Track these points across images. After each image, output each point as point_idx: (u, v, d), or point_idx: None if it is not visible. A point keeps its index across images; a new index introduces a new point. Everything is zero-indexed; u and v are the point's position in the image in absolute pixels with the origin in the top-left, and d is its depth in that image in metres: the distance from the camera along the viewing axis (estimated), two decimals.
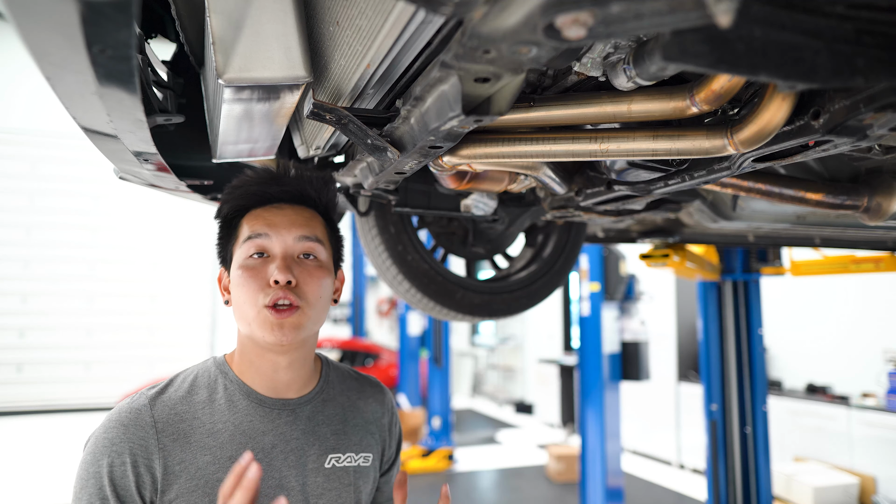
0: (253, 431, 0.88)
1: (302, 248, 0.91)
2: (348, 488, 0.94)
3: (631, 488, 5.25)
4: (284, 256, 0.89)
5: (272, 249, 0.89)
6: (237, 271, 0.89)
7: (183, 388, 0.89)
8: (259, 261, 0.89)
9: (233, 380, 0.91)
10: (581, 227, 2.03)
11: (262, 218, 0.91)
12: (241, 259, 0.90)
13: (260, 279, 0.87)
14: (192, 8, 0.90)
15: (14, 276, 8.56)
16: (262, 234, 0.89)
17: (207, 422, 0.86)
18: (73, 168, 8.84)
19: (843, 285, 5.15)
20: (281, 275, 0.86)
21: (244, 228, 0.91)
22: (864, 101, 0.64)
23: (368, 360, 7.68)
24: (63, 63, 0.54)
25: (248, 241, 0.89)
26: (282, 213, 0.92)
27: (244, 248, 0.89)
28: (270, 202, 0.93)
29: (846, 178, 1.21)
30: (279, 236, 0.89)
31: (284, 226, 0.90)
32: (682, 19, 0.41)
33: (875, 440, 4.48)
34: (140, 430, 0.81)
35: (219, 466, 0.83)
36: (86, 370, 8.79)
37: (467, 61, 0.57)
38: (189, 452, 0.83)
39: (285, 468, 0.88)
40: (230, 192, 0.94)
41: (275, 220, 0.90)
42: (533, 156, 0.88)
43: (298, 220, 0.92)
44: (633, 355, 4.03)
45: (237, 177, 0.95)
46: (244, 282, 0.87)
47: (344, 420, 0.98)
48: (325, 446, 0.93)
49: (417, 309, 1.77)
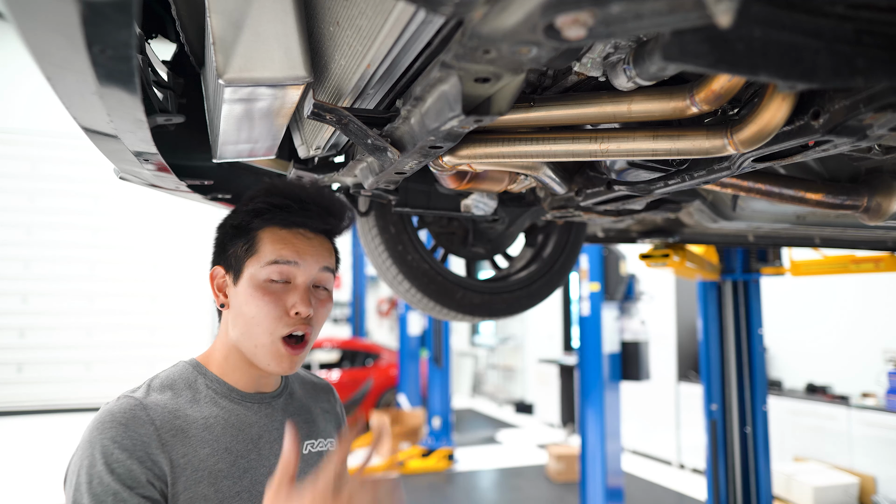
0: (241, 424, 0.91)
1: (319, 279, 0.93)
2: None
3: (631, 488, 5.25)
4: (308, 288, 0.91)
5: (296, 279, 0.91)
6: (253, 290, 0.89)
7: (165, 389, 0.89)
8: (281, 286, 0.90)
9: (213, 379, 0.93)
10: (581, 227, 2.03)
11: (291, 245, 0.91)
12: (260, 279, 0.89)
13: (280, 306, 0.88)
14: (193, 8, 0.90)
15: (14, 276, 8.55)
16: (290, 261, 0.90)
17: (199, 417, 0.88)
18: (73, 168, 8.84)
19: (843, 285, 5.15)
20: (305, 308, 0.88)
21: (267, 247, 0.90)
22: (864, 101, 0.64)
23: (368, 360, 7.67)
24: (63, 63, 0.54)
25: (274, 265, 0.89)
26: (309, 243, 0.93)
27: (266, 270, 0.89)
28: (296, 227, 0.93)
29: (846, 178, 1.21)
30: (306, 267, 0.91)
31: (311, 256, 0.92)
32: (682, 19, 0.41)
33: (875, 440, 4.48)
34: (140, 427, 0.81)
35: (218, 458, 0.86)
36: (86, 370, 8.78)
37: (467, 61, 0.58)
38: (190, 446, 0.84)
39: (273, 456, 0.93)
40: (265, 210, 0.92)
41: (304, 249, 0.91)
42: (533, 156, 0.88)
43: (322, 252, 0.94)
44: (633, 355, 4.03)
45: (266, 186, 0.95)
46: (263, 305, 0.88)
47: (309, 410, 1.05)
48: (301, 433, 0.99)
49: (417, 309, 1.77)
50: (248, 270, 0.91)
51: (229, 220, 0.96)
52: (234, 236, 0.94)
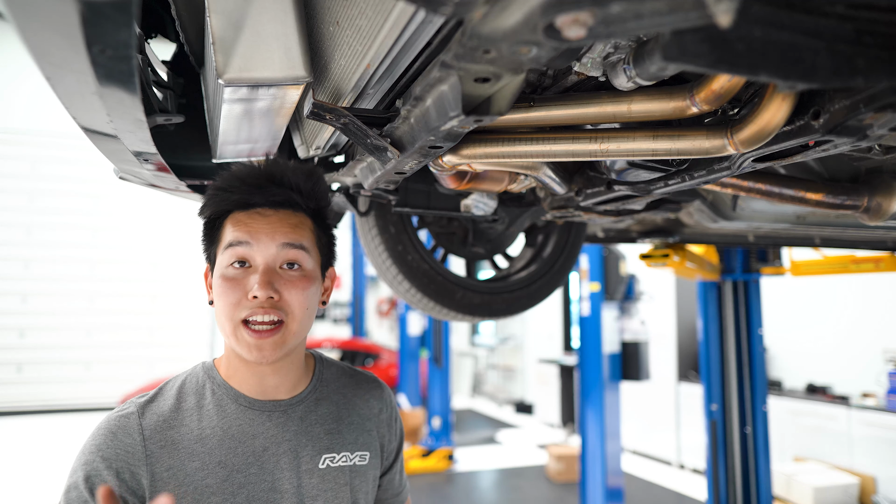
0: (242, 435, 0.87)
1: (285, 258, 0.86)
2: (344, 488, 0.92)
3: (631, 488, 5.25)
4: (266, 269, 0.84)
5: (254, 259, 0.85)
6: (217, 279, 0.86)
7: (172, 395, 0.88)
8: (240, 271, 0.85)
9: (220, 384, 0.90)
10: (581, 227, 2.03)
11: (243, 224, 0.85)
12: (221, 266, 0.86)
13: (239, 291, 0.83)
14: (192, 8, 0.90)
15: (14, 276, 8.56)
16: (243, 241, 0.84)
17: (196, 428, 0.85)
18: (73, 168, 8.84)
19: (843, 285, 5.15)
20: (261, 290, 0.82)
21: (226, 232, 0.87)
22: (864, 101, 0.64)
23: (368, 360, 7.68)
24: (63, 63, 0.54)
25: (229, 248, 0.85)
26: (265, 220, 0.86)
27: (225, 255, 0.85)
28: (249, 207, 0.87)
29: (846, 178, 1.21)
30: (261, 245, 0.85)
31: (267, 234, 0.85)
32: (682, 19, 0.41)
33: (875, 440, 4.48)
34: (127, 437, 0.81)
35: (208, 472, 0.83)
36: (86, 370, 8.78)
37: (467, 61, 0.57)
38: (177, 459, 0.82)
39: (278, 470, 0.87)
40: (214, 194, 0.88)
41: (257, 227, 0.85)
42: (533, 156, 0.88)
43: (283, 227, 0.87)
44: (633, 355, 4.03)
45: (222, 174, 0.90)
46: (223, 292, 0.84)
47: (338, 419, 0.96)
48: (319, 446, 0.91)
49: (417, 309, 1.77)
50: (217, 262, 0.88)
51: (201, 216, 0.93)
52: (207, 231, 0.92)
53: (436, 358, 6.41)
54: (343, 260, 11.24)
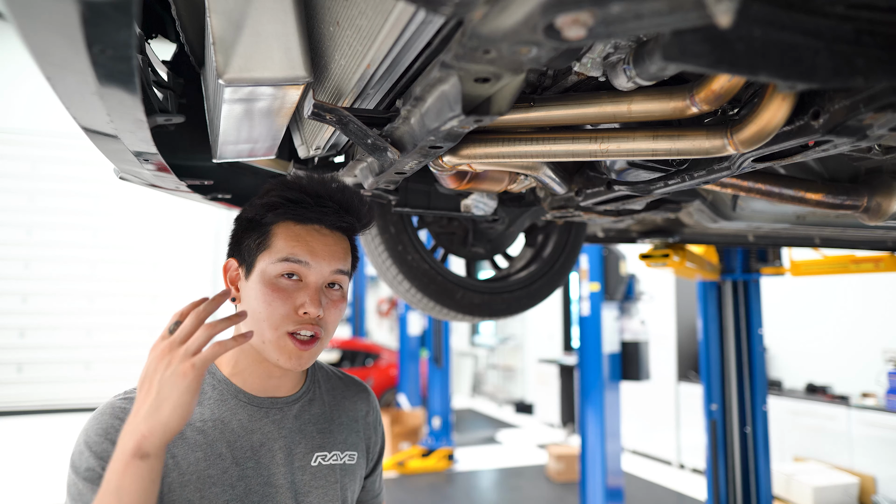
0: (241, 430, 0.89)
1: (332, 279, 0.90)
2: (334, 486, 0.95)
3: (631, 488, 5.25)
4: (318, 289, 0.88)
5: (306, 277, 0.88)
6: (263, 286, 0.86)
7: None
8: (291, 283, 0.87)
9: (221, 379, 0.91)
10: (581, 227, 2.03)
11: (303, 242, 0.88)
12: (270, 274, 0.87)
13: (288, 304, 0.86)
14: (193, 8, 0.90)
15: (14, 276, 8.55)
16: (302, 260, 0.87)
17: (198, 420, 0.86)
18: (73, 168, 8.84)
19: (843, 285, 5.15)
20: (314, 308, 0.85)
21: (279, 243, 0.88)
22: (864, 101, 0.64)
23: (368, 360, 7.68)
24: (63, 63, 0.54)
25: (285, 262, 0.86)
26: (323, 241, 0.90)
27: (277, 266, 0.87)
28: (310, 223, 0.90)
29: (846, 178, 1.21)
30: (318, 267, 0.88)
31: (325, 257, 0.88)
32: (682, 19, 0.41)
33: (875, 440, 4.48)
34: None
35: (209, 463, 0.84)
36: (86, 370, 8.78)
37: (467, 61, 0.57)
38: (181, 448, 0.83)
39: (273, 466, 0.89)
40: (279, 203, 0.89)
41: (317, 248, 0.88)
42: (533, 156, 0.88)
43: (337, 252, 0.91)
44: (633, 355, 4.03)
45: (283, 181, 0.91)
46: (271, 301, 0.85)
47: (329, 419, 0.99)
48: (312, 444, 0.94)
49: (417, 309, 1.77)
50: (259, 265, 0.88)
51: (245, 212, 0.93)
52: (248, 229, 0.91)
53: (436, 358, 6.41)
54: None
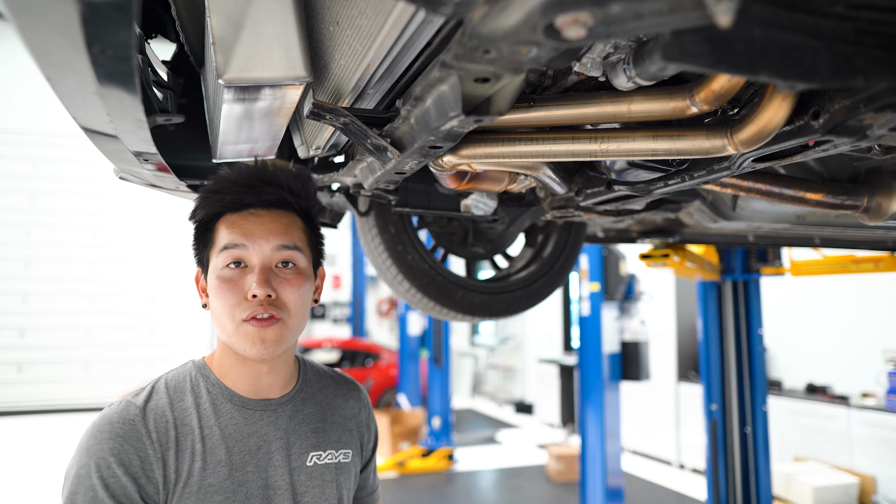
0: (238, 434, 0.88)
1: (280, 257, 0.89)
2: (331, 485, 0.95)
3: (631, 488, 5.25)
4: (262, 268, 0.86)
5: (249, 260, 0.87)
6: (214, 280, 0.87)
7: (168, 395, 0.88)
8: (236, 271, 0.87)
9: (215, 383, 0.91)
10: (581, 227, 2.03)
11: (238, 226, 0.88)
12: (217, 268, 0.87)
13: (238, 292, 0.85)
14: (193, 8, 0.90)
15: (14, 276, 8.56)
16: (238, 244, 0.86)
17: (196, 428, 0.86)
18: (73, 168, 8.84)
19: (843, 285, 5.15)
20: (260, 289, 0.84)
21: (221, 235, 0.88)
22: (864, 101, 0.64)
23: (368, 360, 7.67)
24: (63, 63, 0.54)
25: (225, 250, 0.87)
26: (259, 220, 0.89)
27: (220, 258, 0.87)
28: (242, 208, 0.90)
29: (846, 178, 1.21)
30: (256, 247, 0.87)
31: (262, 235, 0.87)
32: (682, 19, 0.41)
33: (875, 440, 4.48)
34: (138, 441, 0.80)
35: (210, 471, 0.84)
36: (86, 370, 8.79)
37: (467, 61, 0.57)
38: (182, 460, 0.83)
39: (271, 468, 0.89)
40: (205, 198, 0.90)
41: (252, 229, 0.88)
42: (533, 156, 0.88)
43: (276, 227, 0.89)
44: (633, 355, 4.03)
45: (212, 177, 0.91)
46: (221, 293, 0.85)
47: (323, 418, 0.99)
48: (307, 444, 0.94)
49: (417, 309, 1.77)
50: (211, 264, 0.89)
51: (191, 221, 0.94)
52: (197, 235, 0.93)
53: (436, 358, 6.41)
54: (343, 260, 11.23)
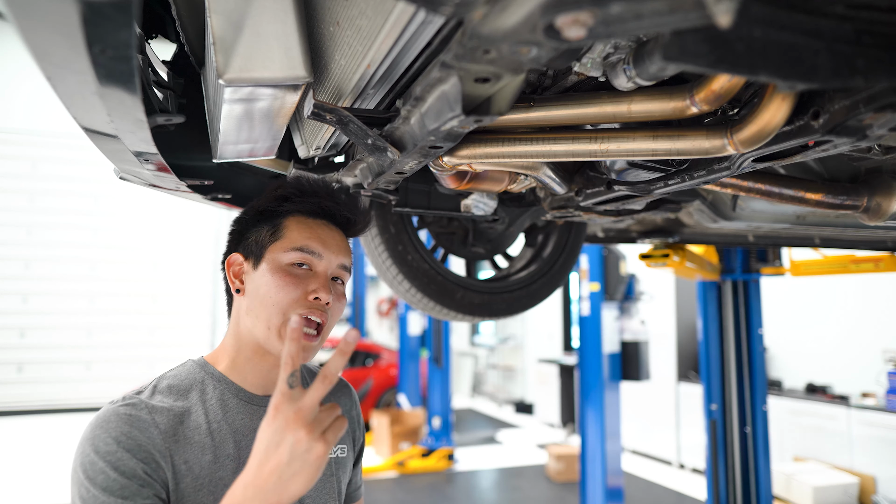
0: (245, 429, 0.89)
1: (338, 273, 0.94)
2: (331, 479, 0.97)
3: (631, 488, 5.25)
4: (328, 278, 0.92)
5: (316, 267, 0.92)
6: (275, 273, 0.89)
7: (172, 391, 0.87)
8: (303, 271, 0.91)
9: (220, 379, 0.91)
10: (581, 227, 2.03)
11: (316, 234, 0.93)
12: (283, 262, 0.90)
13: (300, 288, 0.89)
14: (193, 8, 0.90)
15: (15, 276, 8.56)
16: (315, 251, 0.91)
17: (203, 422, 0.86)
18: (73, 168, 8.84)
19: (843, 285, 5.15)
20: (325, 294, 0.89)
21: (293, 233, 0.92)
22: (864, 102, 0.64)
23: (368, 360, 7.67)
24: (64, 63, 0.54)
25: (297, 251, 0.90)
26: (332, 234, 0.95)
27: (291, 255, 0.90)
28: (321, 216, 0.95)
29: (846, 178, 1.21)
30: (328, 258, 0.92)
31: (334, 250, 0.93)
32: (682, 19, 0.41)
33: (875, 440, 4.48)
34: (145, 430, 0.80)
35: (220, 465, 0.84)
36: (86, 370, 8.79)
37: (467, 61, 0.58)
38: (192, 453, 0.83)
39: None
40: (284, 187, 0.94)
41: (328, 240, 0.93)
42: (533, 156, 0.88)
43: (344, 246, 0.96)
44: (633, 355, 4.03)
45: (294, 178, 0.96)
46: (284, 286, 0.88)
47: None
48: None
49: (417, 309, 1.77)
50: (270, 254, 0.91)
51: (254, 206, 0.97)
52: (259, 221, 0.95)
53: (436, 358, 6.41)
54: None
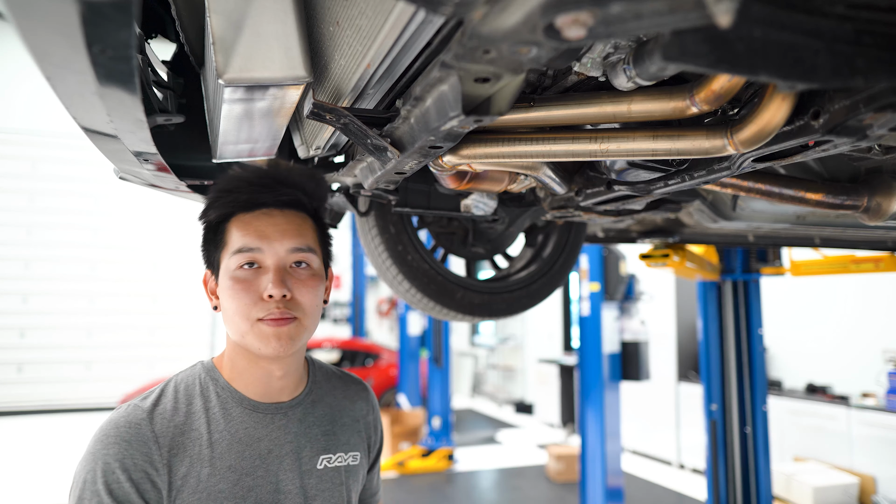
0: (248, 439, 0.88)
1: (294, 259, 0.88)
2: (340, 488, 0.95)
3: (631, 488, 5.24)
4: (277, 269, 0.86)
5: (264, 262, 0.87)
6: (227, 281, 0.86)
7: (177, 399, 0.87)
8: (251, 272, 0.86)
9: (224, 387, 0.90)
10: (581, 227, 2.03)
11: (252, 228, 0.87)
12: (231, 269, 0.87)
13: (253, 292, 0.85)
14: (193, 8, 0.90)
15: (15, 276, 8.56)
16: (253, 248, 0.86)
17: (205, 433, 0.85)
18: (73, 168, 8.85)
19: (843, 285, 5.15)
20: (276, 289, 0.84)
21: (233, 236, 0.88)
22: (864, 101, 0.64)
23: (368, 360, 7.67)
24: (63, 63, 0.54)
25: (239, 253, 0.86)
26: (272, 221, 0.88)
27: (234, 259, 0.86)
28: (255, 207, 0.89)
29: (846, 178, 1.21)
30: (271, 249, 0.86)
31: (277, 237, 0.87)
32: (682, 19, 0.41)
33: (875, 440, 4.48)
34: (143, 446, 0.80)
35: (220, 477, 0.83)
36: (86, 370, 8.79)
37: (467, 61, 0.57)
38: (190, 465, 0.82)
39: (282, 472, 0.89)
40: (217, 197, 0.89)
41: (266, 230, 0.87)
42: (533, 156, 0.88)
43: (290, 229, 0.89)
44: (633, 355, 4.03)
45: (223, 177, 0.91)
46: (235, 294, 0.85)
47: (332, 420, 0.99)
48: (317, 447, 0.94)
49: (417, 309, 1.77)
50: (223, 265, 0.88)
51: (201, 222, 0.93)
52: (207, 236, 0.92)
53: (436, 358, 6.41)
54: (343, 260, 11.23)
